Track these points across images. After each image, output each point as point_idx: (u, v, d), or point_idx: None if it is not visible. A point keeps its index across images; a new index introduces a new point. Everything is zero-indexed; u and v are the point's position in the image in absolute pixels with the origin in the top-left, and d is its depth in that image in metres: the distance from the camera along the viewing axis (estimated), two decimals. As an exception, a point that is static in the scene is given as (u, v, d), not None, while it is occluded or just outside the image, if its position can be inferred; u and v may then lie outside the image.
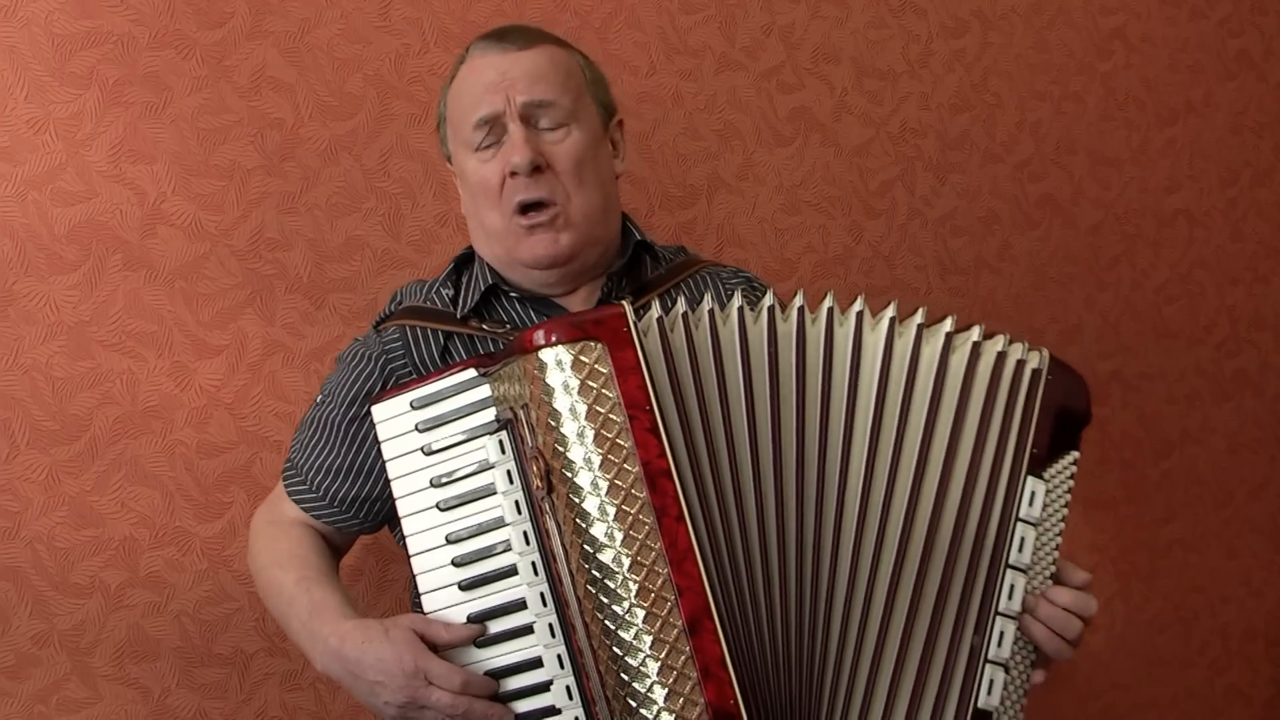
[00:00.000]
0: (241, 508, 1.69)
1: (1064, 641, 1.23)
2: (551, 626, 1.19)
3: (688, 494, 1.12)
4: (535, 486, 1.17)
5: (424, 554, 1.24)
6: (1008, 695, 1.23)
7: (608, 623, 1.11)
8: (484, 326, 1.39)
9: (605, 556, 1.11)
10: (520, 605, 1.20)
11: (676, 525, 1.11)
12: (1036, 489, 1.24)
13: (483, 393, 1.24)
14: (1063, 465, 1.27)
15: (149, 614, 1.66)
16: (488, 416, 1.23)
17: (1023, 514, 1.23)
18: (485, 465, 1.22)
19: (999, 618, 1.22)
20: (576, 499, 1.12)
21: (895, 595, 1.19)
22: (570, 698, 1.18)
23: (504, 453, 1.22)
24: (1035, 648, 1.24)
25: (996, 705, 1.21)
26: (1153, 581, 2.22)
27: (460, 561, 1.22)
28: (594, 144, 1.41)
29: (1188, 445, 2.24)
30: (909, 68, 2.05)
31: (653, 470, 1.11)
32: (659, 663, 1.09)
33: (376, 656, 1.19)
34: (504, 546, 1.21)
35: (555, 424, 1.13)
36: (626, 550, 1.10)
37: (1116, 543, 2.19)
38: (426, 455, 1.25)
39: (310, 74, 1.74)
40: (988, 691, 1.21)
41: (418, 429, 1.26)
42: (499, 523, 1.21)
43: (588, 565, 1.12)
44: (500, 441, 1.22)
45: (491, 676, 1.20)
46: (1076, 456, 1.28)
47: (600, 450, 1.12)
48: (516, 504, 1.21)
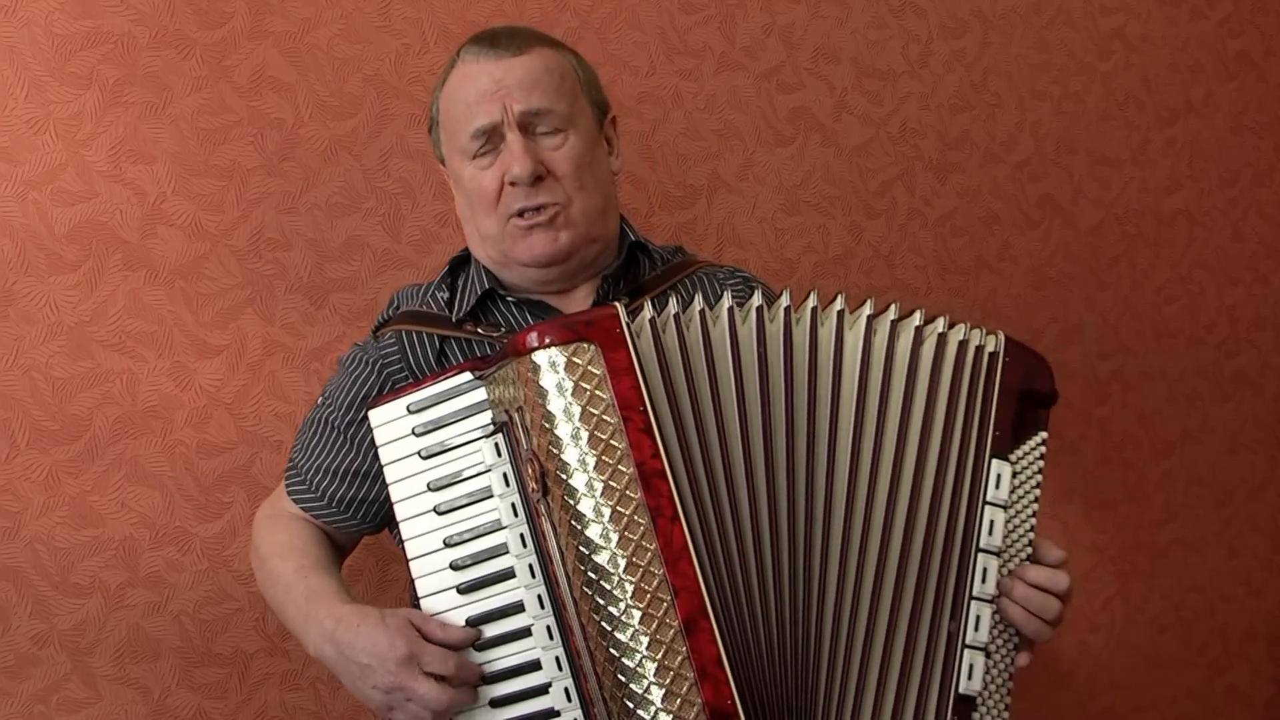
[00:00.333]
0: (241, 508, 1.69)
1: (1042, 622, 1.23)
2: (549, 629, 1.19)
3: (682, 494, 1.13)
4: (531, 489, 1.17)
5: (422, 558, 1.24)
6: (992, 680, 1.23)
7: (604, 624, 1.11)
8: (479, 330, 1.39)
9: (601, 558, 1.11)
10: (518, 608, 1.20)
11: (671, 526, 1.11)
12: (1002, 471, 1.25)
13: (478, 396, 1.24)
14: (1031, 447, 1.27)
15: (149, 614, 1.67)
16: (484, 419, 1.23)
17: (989, 497, 1.24)
18: (482, 468, 1.22)
19: (974, 602, 1.22)
20: (571, 501, 1.12)
21: (880, 588, 1.20)
22: (569, 699, 1.18)
23: (500, 455, 1.22)
24: (1016, 630, 1.25)
25: (979, 690, 1.22)
26: (1153, 581, 2.22)
27: (458, 565, 1.22)
28: (591, 146, 1.41)
29: (1188, 445, 2.24)
30: (909, 68, 2.04)
31: (647, 471, 1.12)
32: (656, 663, 1.10)
33: (370, 640, 1.19)
34: (501, 549, 1.21)
35: (549, 426, 1.13)
36: (622, 551, 1.11)
37: (1116, 543, 2.19)
38: (423, 459, 1.25)
39: (310, 74, 1.74)
40: (968, 677, 1.21)
41: (414, 433, 1.26)
42: (496, 525, 1.21)
43: (583, 567, 1.12)
44: (496, 444, 1.22)
45: (490, 680, 1.20)
46: (1045, 437, 1.28)
47: (594, 452, 1.12)
48: (513, 506, 1.21)
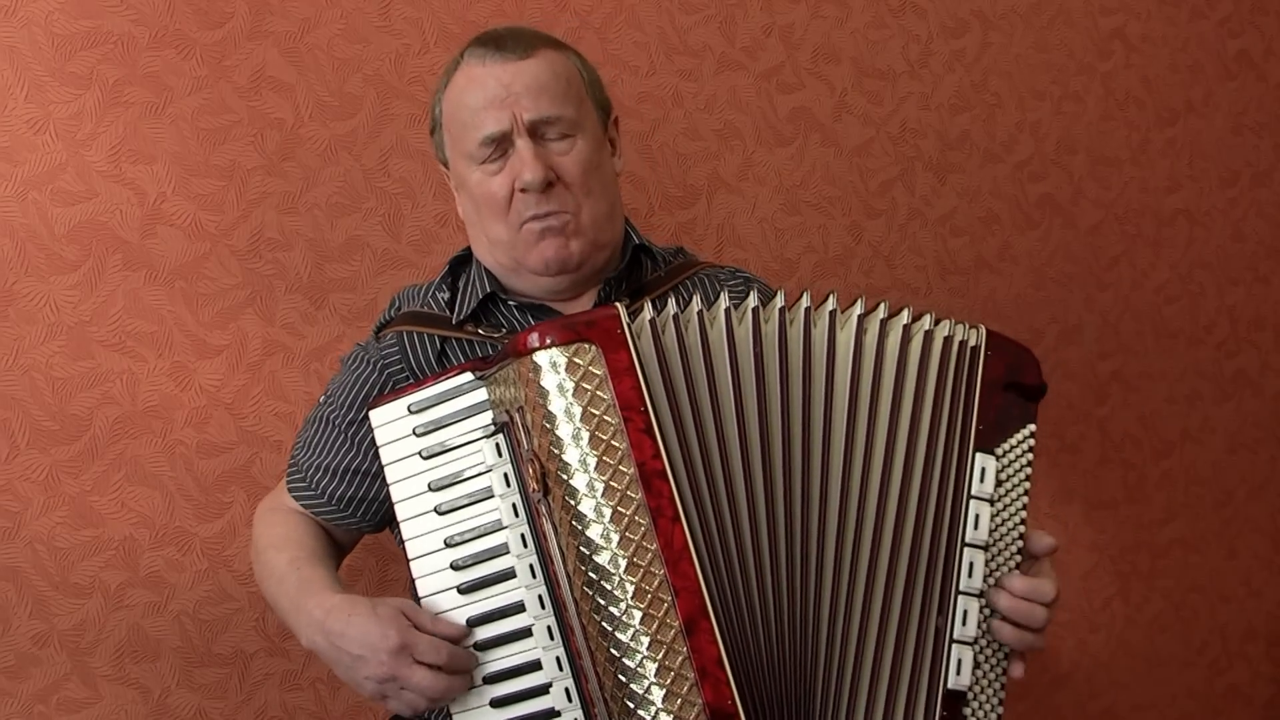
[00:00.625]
0: (241, 508, 1.69)
1: (1030, 632, 1.22)
2: (550, 629, 1.19)
3: (683, 494, 1.13)
4: (531, 489, 1.17)
5: (423, 558, 1.24)
6: (982, 675, 1.22)
7: (605, 624, 1.11)
8: (480, 331, 1.39)
9: (601, 558, 1.11)
10: (519, 608, 1.20)
11: (672, 526, 1.11)
12: (987, 465, 1.24)
13: (479, 396, 1.24)
14: (1018, 440, 1.26)
15: (149, 614, 1.67)
16: (484, 420, 1.23)
17: (974, 491, 1.23)
18: (483, 468, 1.22)
19: (961, 596, 1.21)
20: (572, 501, 1.12)
21: (872, 585, 1.20)
22: (569, 700, 1.18)
23: (501, 456, 1.21)
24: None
25: (968, 685, 1.21)
26: (1153, 581, 2.22)
27: (459, 565, 1.22)
28: (597, 149, 1.41)
29: (1188, 445, 2.24)
30: (909, 68, 2.04)
31: (648, 471, 1.12)
32: (656, 663, 1.10)
33: (362, 630, 1.19)
34: (502, 549, 1.21)
35: (550, 426, 1.13)
36: (622, 551, 1.11)
37: (1116, 543, 2.19)
38: (424, 459, 1.25)
39: (310, 74, 1.74)
40: (956, 672, 1.20)
41: (415, 433, 1.26)
42: (497, 525, 1.21)
43: (584, 567, 1.12)
44: (497, 445, 1.22)
45: (491, 680, 1.20)
46: (1033, 430, 1.27)
47: (595, 452, 1.12)
48: (514, 507, 1.21)
